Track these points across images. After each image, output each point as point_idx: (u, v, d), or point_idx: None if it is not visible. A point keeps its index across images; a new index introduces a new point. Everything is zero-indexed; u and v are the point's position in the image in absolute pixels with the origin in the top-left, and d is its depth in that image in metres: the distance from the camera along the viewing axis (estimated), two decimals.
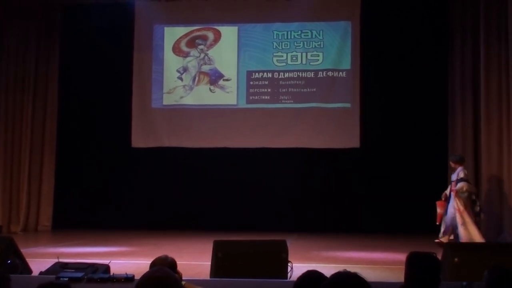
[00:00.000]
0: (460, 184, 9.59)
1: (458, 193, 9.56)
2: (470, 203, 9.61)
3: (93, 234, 11.64)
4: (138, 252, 9.14)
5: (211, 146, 12.72)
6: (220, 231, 10.86)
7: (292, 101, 12.75)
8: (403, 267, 3.45)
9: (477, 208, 9.63)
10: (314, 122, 12.59)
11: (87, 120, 13.31)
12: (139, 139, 13.05)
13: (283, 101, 12.79)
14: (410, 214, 11.83)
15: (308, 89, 12.72)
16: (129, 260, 7.91)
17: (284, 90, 12.79)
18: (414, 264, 3.42)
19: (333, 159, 12.59)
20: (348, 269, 2.51)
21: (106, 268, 5.64)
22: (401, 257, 3.89)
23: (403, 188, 12.13)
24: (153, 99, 13.07)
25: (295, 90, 12.75)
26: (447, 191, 9.80)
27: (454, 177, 9.84)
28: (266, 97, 12.83)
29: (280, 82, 12.80)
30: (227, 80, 12.96)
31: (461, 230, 9.44)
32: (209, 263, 5.88)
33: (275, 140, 12.59)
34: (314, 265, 7.92)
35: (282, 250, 6.02)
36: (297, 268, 5.89)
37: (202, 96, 13.01)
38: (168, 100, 13.07)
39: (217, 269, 5.81)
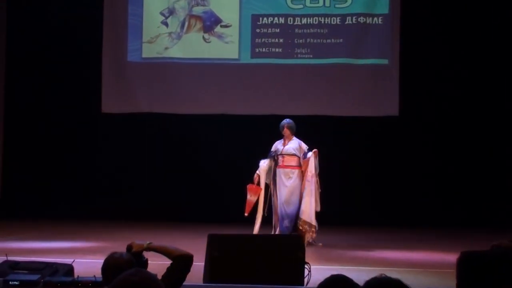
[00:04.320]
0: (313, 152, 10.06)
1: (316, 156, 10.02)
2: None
3: (52, 225, 11.67)
4: (109, 248, 9.08)
5: (204, 113, 12.70)
6: (214, 223, 10.91)
7: (311, 56, 12.70)
8: (454, 270, 3.46)
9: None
10: (340, 83, 12.57)
11: (43, 78, 13.24)
12: (111, 103, 13.02)
13: (299, 56, 12.74)
14: (462, 203, 11.84)
15: (333, 40, 12.66)
16: (98, 259, 7.91)
17: (301, 41, 12.73)
18: (468, 267, 3.42)
19: (364, 131, 12.56)
20: (384, 273, 2.50)
21: (69, 268, 5.66)
22: (452, 258, 3.90)
23: (454, 169, 12.11)
24: (130, 50, 13.03)
25: (315, 41, 12.70)
26: (260, 172, 10.11)
27: (292, 148, 10.17)
28: (277, 50, 12.77)
29: (296, 31, 12.74)
30: (226, 26, 12.89)
31: (305, 201, 9.83)
32: (202, 263, 5.89)
33: (287, 105, 12.56)
34: (337, 267, 7.94)
35: (298, 248, 6.03)
36: (316, 272, 5.90)
37: (194, 47, 12.96)
38: (148, 51, 13.02)
39: (212, 271, 5.82)
